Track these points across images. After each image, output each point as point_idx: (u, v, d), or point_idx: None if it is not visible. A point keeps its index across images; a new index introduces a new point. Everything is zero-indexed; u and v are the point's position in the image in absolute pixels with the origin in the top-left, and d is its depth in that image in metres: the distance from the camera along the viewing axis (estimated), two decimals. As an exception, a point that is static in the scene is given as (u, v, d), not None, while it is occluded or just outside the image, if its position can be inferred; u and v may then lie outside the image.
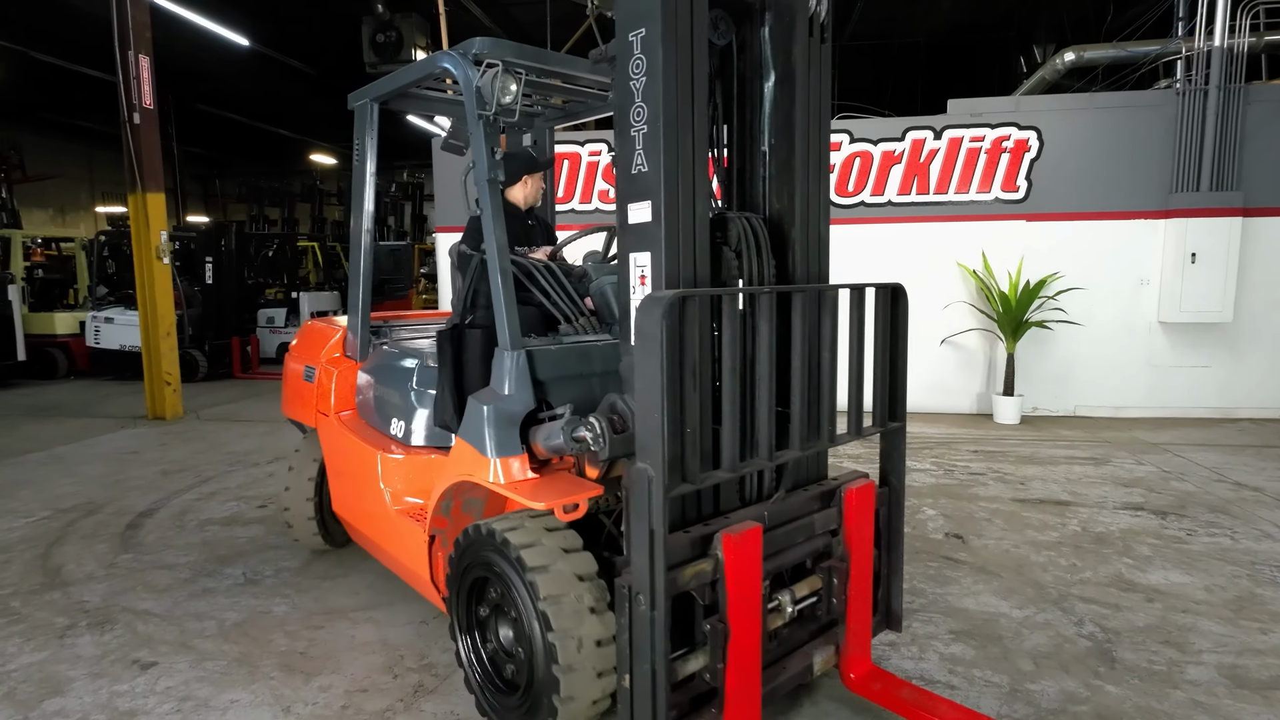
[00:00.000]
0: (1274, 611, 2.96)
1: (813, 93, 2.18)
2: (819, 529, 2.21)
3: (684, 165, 1.91)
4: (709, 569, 1.86)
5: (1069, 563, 3.45)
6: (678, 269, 1.92)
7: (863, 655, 2.29)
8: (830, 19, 2.20)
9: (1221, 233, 6.13)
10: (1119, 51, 7.02)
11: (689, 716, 1.88)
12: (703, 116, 1.96)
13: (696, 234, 1.95)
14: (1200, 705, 2.34)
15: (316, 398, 3.40)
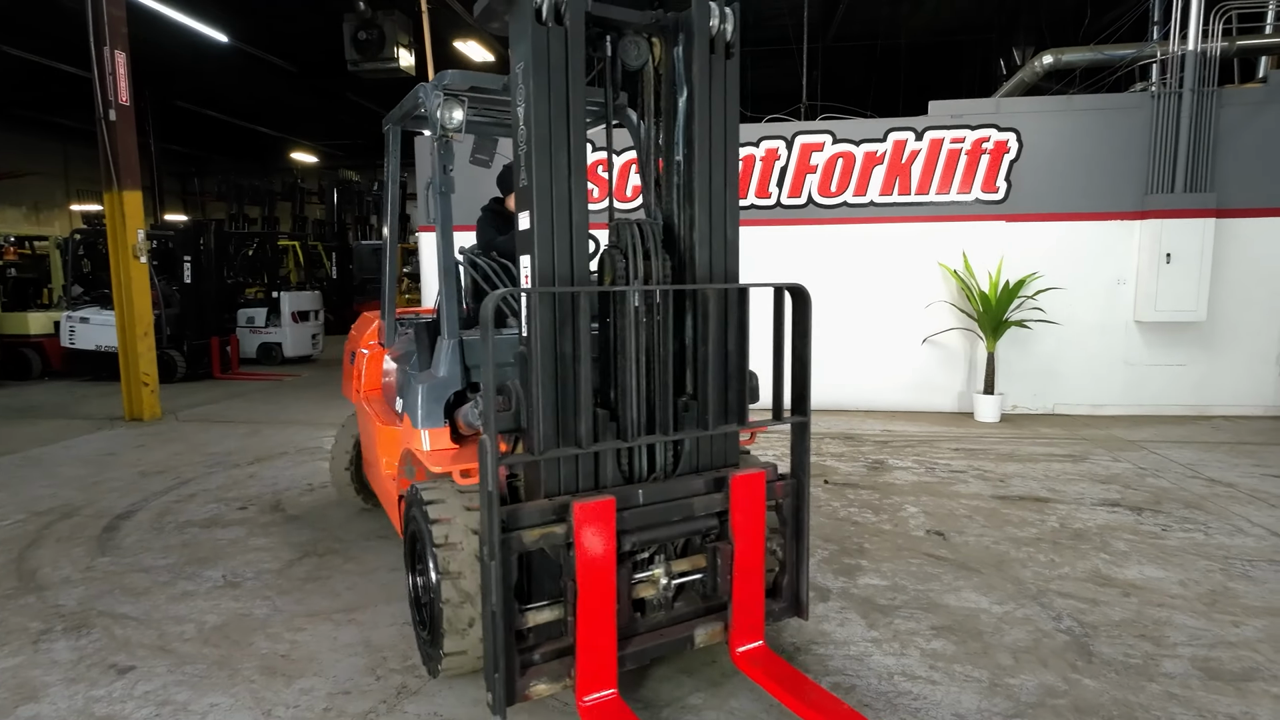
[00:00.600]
0: (1246, 605, 3.02)
1: (715, 106, 2.35)
2: (700, 511, 2.34)
3: (558, 180, 2.17)
4: (561, 533, 2.10)
5: (1048, 559, 3.50)
6: (552, 269, 2.18)
7: (751, 635, 2.42)
8: (737, 36, 2.33)
9: (1195, 233, 6.24)
10: (1096, 54, 7.12)
11: (550, 662, 2.14)
12: (579, 137, 2.20)
13: (573, 239, 2.20)
14: (1175, 697, 2.38)
15: (354, 378, 4.00)
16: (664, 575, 2.36)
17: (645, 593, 2.34)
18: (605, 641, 2.13)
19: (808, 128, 6.87)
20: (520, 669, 2.09)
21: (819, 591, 3.16)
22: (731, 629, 2.39)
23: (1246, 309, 6.45)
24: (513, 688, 2.04)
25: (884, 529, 3.92)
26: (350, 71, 9.81)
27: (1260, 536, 3.76)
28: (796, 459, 2.51)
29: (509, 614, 2.01)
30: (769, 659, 2.40)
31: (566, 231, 2.19)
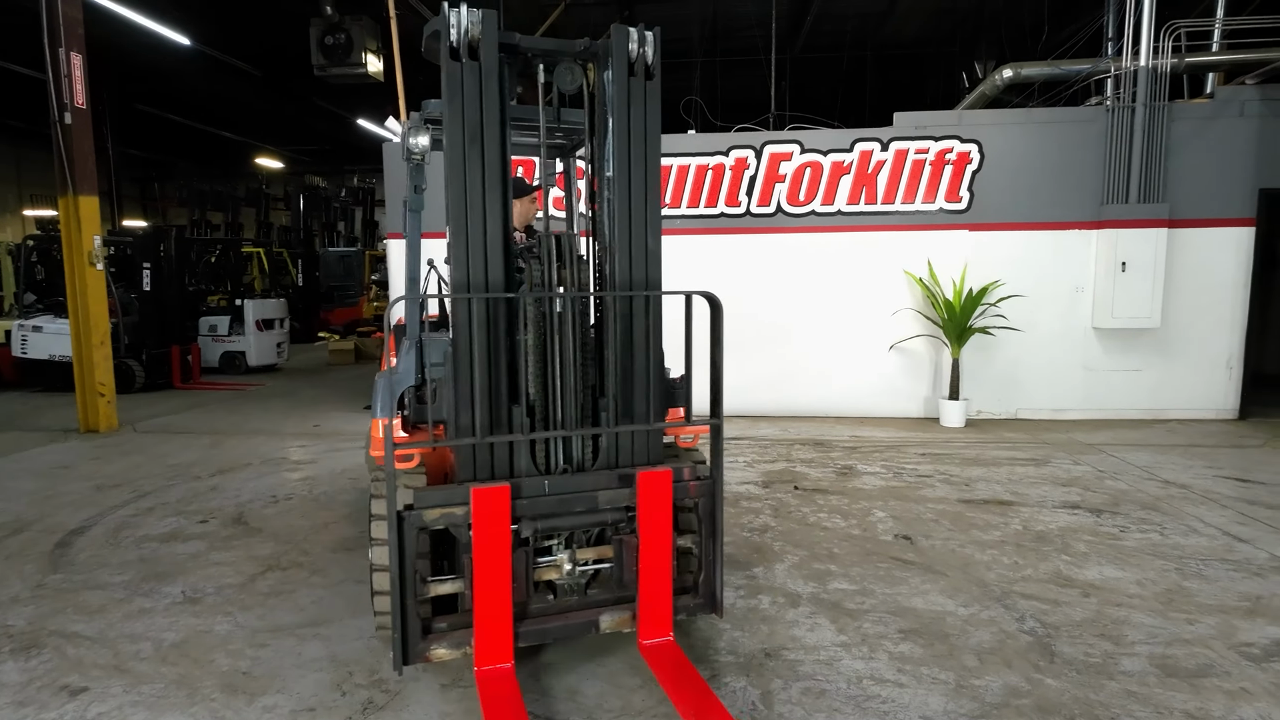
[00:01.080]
0: (1200, 603, 3.12)
1: (635, 124, 2.51)
2: (605, 505, 2.49)
3: (472, 200, 2.38)
4: (461, 514, 2.30)
5: (1011, 561, 3.57)
6: (466, 277, 2.40)
7: (658, 627, 2.54)
8: (657, 60, 2.50)
9: (1149, 243, 6.44)
10: (1053, 69, 7.33)
11: (455, 631, 2.37)
12: (494, 160, 2.39)
13: (487, 251, 2.41)
14: (1133, 695, 2.44)
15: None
16: (568, 561, 2.52)
17: (548, 576, 2.52)
18: (500, 616, 2.32)
19: (776, 137, 6.95)
20: (423, 633, 2.33)
21: (789, 597, 3.18)
22: (638, 620, 2.51)
23: (1198, 316, 6.68)
24: (410, 648, 2.28)
25: (853, 534, 3.96)
26: (317, 76, 9.68)
27: (1213, 536, 3.88)
28: (713, 459, 2.61)
29: (404, 581, 2.25)
30: (672, 654, 2.48)
31: (481, 244, 2.40)
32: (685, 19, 12.94)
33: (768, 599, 3.16)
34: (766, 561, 3.58)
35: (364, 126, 15.40)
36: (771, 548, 3.77)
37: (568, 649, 2.74)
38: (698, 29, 13.60)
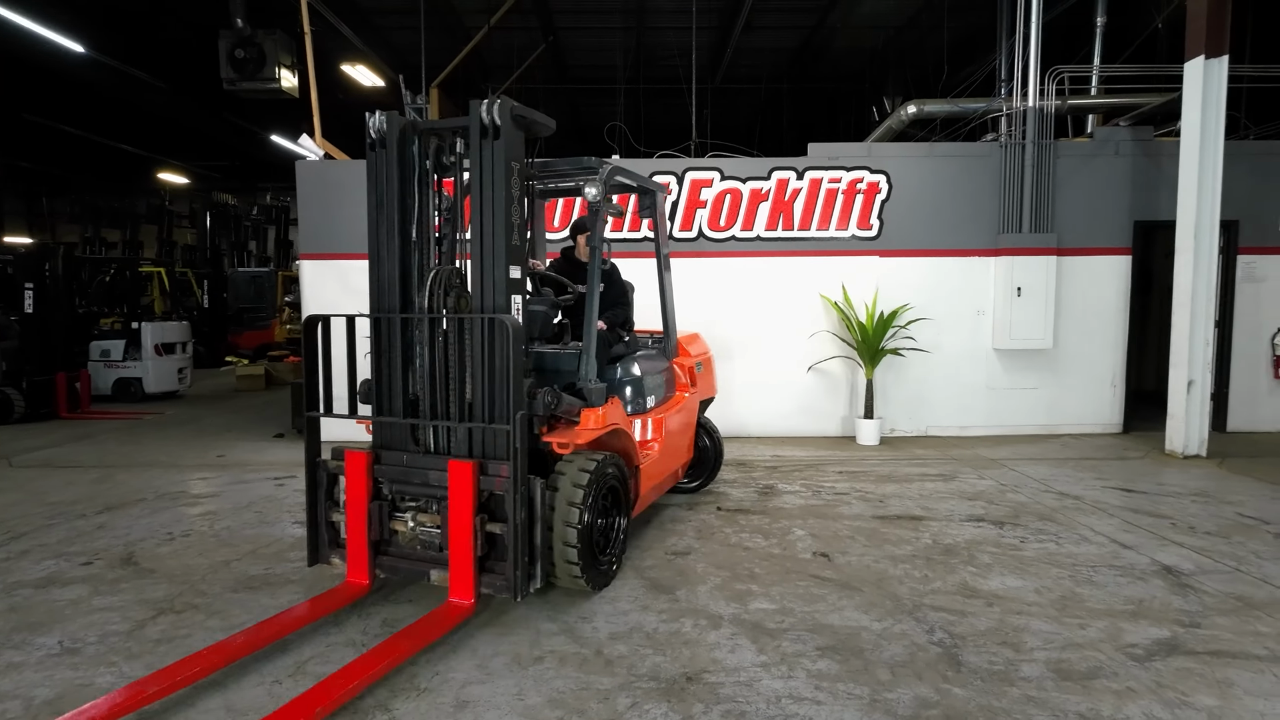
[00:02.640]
0: (1091, 608, 3.31)
1: (487, 174, 3.16)
2: (434, 483, 3.18)
3: (384, 240, 3.30)
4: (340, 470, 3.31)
5: (922, 574, 3.71)
6: (378, 301, 3.35)
7: (461, 590, 3.10)
8: (506, 121, 3.10)
9: (1041, 269, 6.92)
10: (953, 107, 7.83)
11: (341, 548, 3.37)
12: (392, 211, 3.26)
13: (389, 280, 3.31)
14: (1032, 699, 2.56)
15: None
16: (410, 520, 3.23)
17: (398, 528, 3.26)
18: (358, 545, 3.28)
19: (697, 164, 7.12)
20: (329, 545, 3.42)
21: (711, 619, 3.19)
22: (449, 579, 3.11)
23: (1085, 337, 7.19)
24: (318, 552, 3.41)
25: (773, 553, 4.02)
26: (227, 90, 9.29)
27: (1101, 544, 4.15)
28: (512, 461, 3.02)
29: (315, 509, 3.39)
30: (462, 613, 3.05)
31: (390, 274, 3.31)
32: (609, 47, 13.14)
33: (690, 622, 3.17)
34: (689, 584, 3.59)
35: (278, 143, 14.86)
36: (694, 570, 3.78)
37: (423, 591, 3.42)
38: (621, 57, 13.83)
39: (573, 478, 3.23)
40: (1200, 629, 3.10)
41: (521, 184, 3.23)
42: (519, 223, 3.20)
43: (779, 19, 11.75)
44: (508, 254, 3.12)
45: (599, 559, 3.42)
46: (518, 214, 3.18)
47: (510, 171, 3.13)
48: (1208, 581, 3.60)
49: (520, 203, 3.21)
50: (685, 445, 4.81)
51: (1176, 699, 2.56)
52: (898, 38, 12.14)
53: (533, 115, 3.26)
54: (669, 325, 4.84)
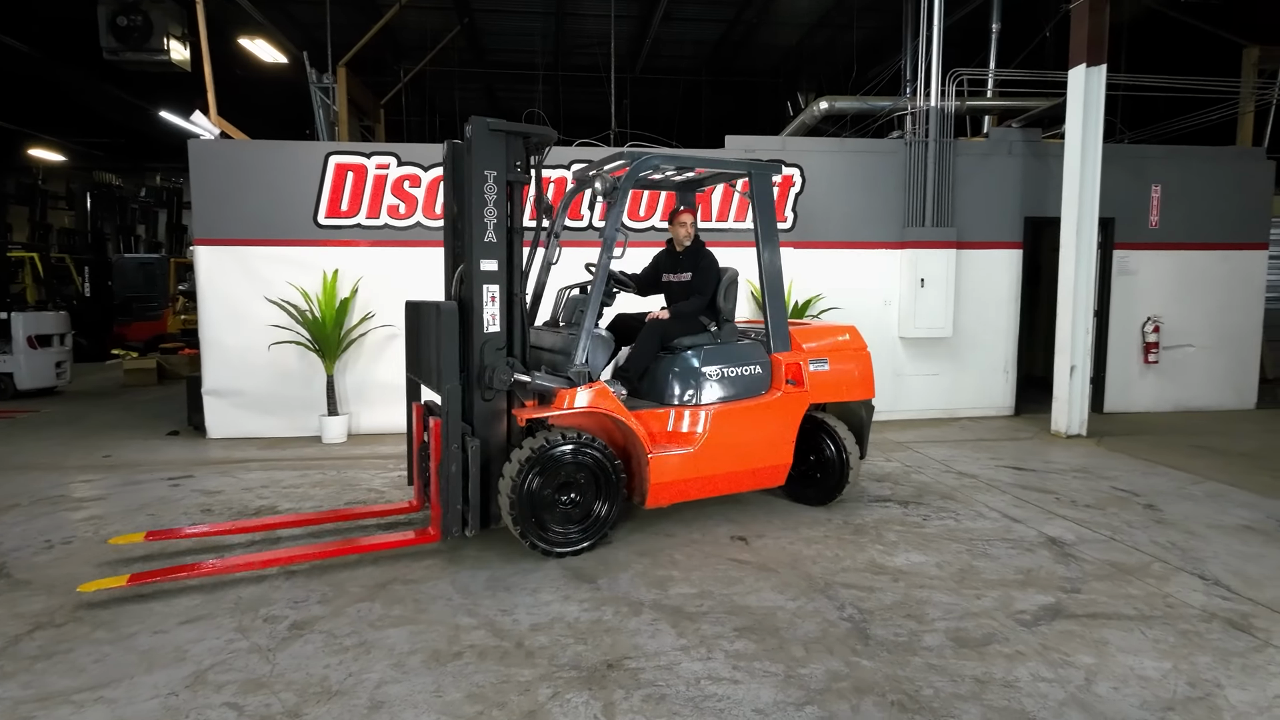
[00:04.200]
0: (986, 579, 3.54)
1: (468, 184, 3.65)
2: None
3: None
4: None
5: (834, 554, 3.87)
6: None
7: (431, 522, 3.79)
8: (480, 134, 3.55)
9: (942, 262, 7.30)
10: (862, 104, 8.13)
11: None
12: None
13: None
14: (933, 667, 2.72)
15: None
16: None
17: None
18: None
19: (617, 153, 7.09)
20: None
21: (633, 606, 3.23)
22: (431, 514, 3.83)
23: (982, 327, 7.64)
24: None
25: (694, 538, 4.09)
26: (107, 60, 8.57)
27: (995, 519, 4.44)
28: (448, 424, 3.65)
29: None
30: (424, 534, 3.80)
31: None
32: (528, 31, 12.90)
33: (611, 610, 3.19)
34: (612, 572, 3.61)
35: (169, 120, 13.82)
36: (616, 558, 3.81)
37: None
38: (540, 42, 13.61)
39: (523, 449, 3.66)
40: (1080, 594, 3.37)
41: (504, 187, 3.64)
42: (493, 223, 3.61)
43: (698, 10, 11.84)
44: (480, 250, 3.60)
45: (550, 526, 3.74)
46: (492, 215, 3.60)
47: (484, 179, 3.57)
48: (1087, 550, 3.91)
49: (501, 204, 3.62)
50: (764, 447, 4.39)
51: (1060, 659, 2.78)
52: (812, 35, 12.47)
53: (518, 128, 3.64)
54: (772, 317, 4.50)
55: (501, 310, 3.70)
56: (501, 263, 3.66)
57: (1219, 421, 7.40)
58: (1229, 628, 3.03)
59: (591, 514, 3.88)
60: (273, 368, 6.73)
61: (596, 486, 3.86)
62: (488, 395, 3.71)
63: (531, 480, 3.65)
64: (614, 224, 4.02)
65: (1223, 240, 7.82)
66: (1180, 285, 7.80)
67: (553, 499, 3.75)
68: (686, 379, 4.28)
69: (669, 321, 4.42)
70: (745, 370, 4.41)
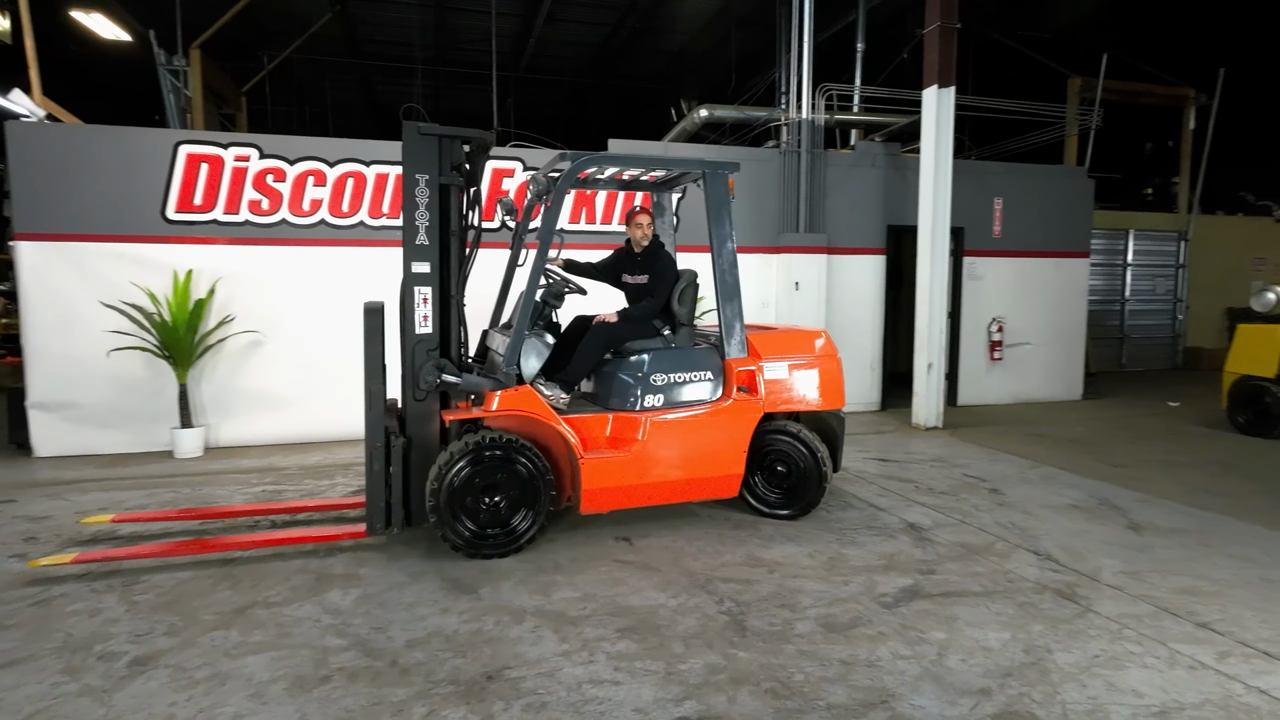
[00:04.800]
0: (854, 566, 3.76)
1: (404, 188, 3.77)
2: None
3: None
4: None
5: (714, 550, 3.97)
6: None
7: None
8: (411, 139, 3.69)
9: (815, 266, 7.69)
10: (740, 114, 8.43)
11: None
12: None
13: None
14: (804, 653, 2.86)
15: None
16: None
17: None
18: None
19: (499, 153, 6.97)
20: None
21: (515, 614, 3.17)
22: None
23: (851, 326, 8.11)
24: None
25: (576, 540, 4.08)
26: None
27: (862, 509, 4.72)
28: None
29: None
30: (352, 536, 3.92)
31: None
32: (406, 23, 12.44)
33: (492, 620, 3.12)
34: (494, 581, 3.53)
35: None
36: (499, 566, 3.73)
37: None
38: (420, 35, 13.16)
39: (446, 450, 3.75)
40: (935, 575, 3.64)
41: (437, 190, 3.71)
42: (425, 225, 3.70)
43: (581, 13, 11.85)
44: (413, 252, 3.70)
45: (473, 527, 3.76)
46: (424, 218, 3.69)
47: (415, 182, 3.67)
48: (941, 534, 4.24)
49: (434, 207, 3.70)
50: (711, 456, 4.25)
51: (916, 637, 2.99)
52: (694, 44, 12.79)
53: (452, 132, 3.72)
54: (725, 321, 4.38)
55: (434, 312, 3.76)
56: (434, 265, 3.73)
57: (1051, 411, 8.25)
58: (1058, 598, 3.37)
59: (516, 516, 3.85)
60: (114, 377, 6.09)
61: (521, 489, 3.83)
62: (419, 395, 3.78)
63: (453, 480, 3.67)
64: (550, 226, 3.98)
65: (1053, 249, 8.73)
66: (1019, 289, 8.64)
67: (476, 500, 3.75)
68: (627, 384, 4.21)
69: (616, 325, 4.34)
70: (694, 376, 4.29)
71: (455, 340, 3.89)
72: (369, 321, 3.67)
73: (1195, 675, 2.71)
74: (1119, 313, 11.86)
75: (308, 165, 6.49)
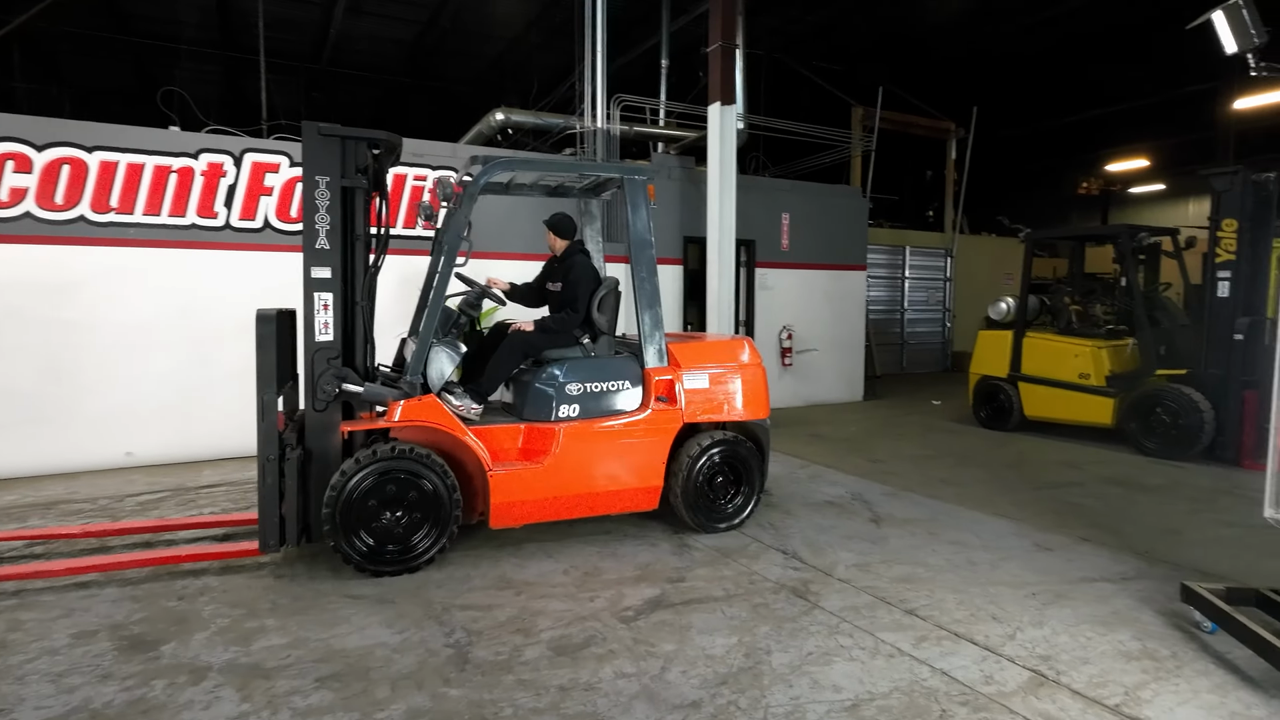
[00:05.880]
0: (606, 579, 3.67)
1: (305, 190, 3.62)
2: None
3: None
4: None
5: (464, 574, 3.72)
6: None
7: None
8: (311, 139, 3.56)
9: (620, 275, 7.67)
10: (537, 119, 8.31)
11: None
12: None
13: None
14: (523, 683, 2.68)
15: None
16: None
17: None
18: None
19: (259, 145, 6.31)
20: None
21: (196, 673, 2.73)
22: None
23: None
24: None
25: (298, 580, 3.67)
26: None
27: (630, 517, 4.68)
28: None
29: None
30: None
31: None
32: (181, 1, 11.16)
33: (163, 683, 2.66)
34: (184, 634, 3.04)
35: None
36: (200, 613, 3.24)
37: None
38: (200, 16, 11.85)
39: (345, 462, 3.58)
40: (684, 582, 3.64)
41: (339, 193, 3.56)
42: (326, 229, 3.55)
43: (389, 8, 11.23)
44: (312, 256, 3.56)
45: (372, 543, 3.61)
46: (324, 221, 3.55)
47: (315, 184, 3.53)
48: (702, 539, 4.28)
49: (335, 210, 3.55)
50: (628, 467, 4.16)
51: (645, 651, 2.92)
52: (512, 50, 12.54)
53: (355, 133, 3.61)
54: (644, 329, 4.28)
55: (335, 319, 3.61)
56: (335, 270, 3.59)
57: (834, 413, 8.86)
58: (792, 596, 3.48)
59: (418, 530, 3.71)
60: None
61: (423, 503, 3.69)
62: (318, 405, 3.61)
63: (350, 493, 3.53)
64: (457, 232, 3.86)
65: (834, 262, 9.41)
66: (806, 299, 9.21)
67: (376, 514, 3.61)
68: (541, 394, 4.10)
69: (532, 334, 4.26)
70: (611, 386, 4.20)
71: (360, 348, 3.75)
72: (262, 328, 3.46)
73: (891, 663, 2.86)
74: (899, 321, 13.10)
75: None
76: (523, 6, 11.04)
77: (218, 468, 5.96)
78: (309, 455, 3.61)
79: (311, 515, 3.63)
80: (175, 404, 6.04)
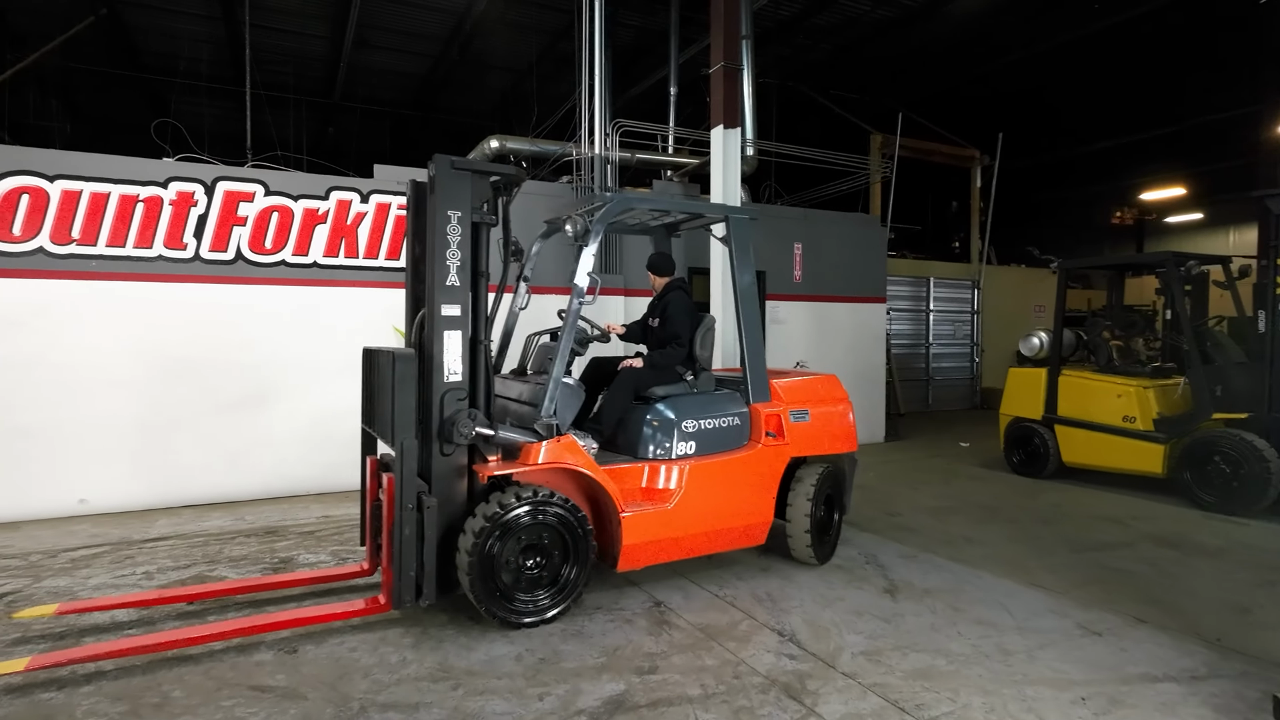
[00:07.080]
0: (564, 669, 3.11)
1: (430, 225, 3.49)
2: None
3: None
4: None
5: (400, 658, 3.18)
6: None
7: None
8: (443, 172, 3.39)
9: (610, 309, 7.23)
10: (534, 147, 7.96)
11: None
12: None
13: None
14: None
15: None
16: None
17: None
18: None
19: (233, 174, 5.99)
20: None
21: None
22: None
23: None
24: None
25: (224, 656, 3.16)
26: None
27: (608, 583, 4.11)
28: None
29: None
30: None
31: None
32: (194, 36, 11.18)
33: None
34: (45, 738, 2.55)
35: None
36: (78, 705, 2.74)
37: None
38: (213, 51, 11.89)
39: (484, 510, 3.35)
40: (655, 674, 3.06)
41: (469, 229, 3.42)
42: (457, 266, 3.39)
43: (398, 40, 11.14)
44: (443, 294, 3.37)
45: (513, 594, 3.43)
46: (455, 258, 3.39)
47: (448, 220, 3.37)
48: (686, 613, 3.70)
49: (465, 246, 3.40)
50: (745, 503, 4.15)
51: (591, 776, 2.35)
52: (523, 81, 12.37)
53: (484, 167, 3.48)
54: (750, 366, 4.27)
55: (464, 359, 3.46)
56: (465, 308, 3.45)
57: (853, 456, 8.20)
58: (783, 697, 2.88)
59: (559, 578, 3.56)
60: None
61: (564, 549, 3.56)
62: (447, 450, 3.43)
63: (491, 544, 3.32)
64: (586, 269, 3.78)
65: (851, 294, 8.85)
66: (820, 332, 8.64)
67: (516, 563, 3.44)
68: (660, 431, 4.01)
69: (642, 370, 4.22)
70: (723, 422, 4.18)
71: (483, 389, 3.57)
72: (401, 367, 3.29)
73: (900, 802, 2.25)
74: (924, 355, 12.42)
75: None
76: (531, 38, 10.86)
77: (174, 516, 5.53)
78: (439, 503, 3.38)
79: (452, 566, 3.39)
80: (135, 447, 5.65)
